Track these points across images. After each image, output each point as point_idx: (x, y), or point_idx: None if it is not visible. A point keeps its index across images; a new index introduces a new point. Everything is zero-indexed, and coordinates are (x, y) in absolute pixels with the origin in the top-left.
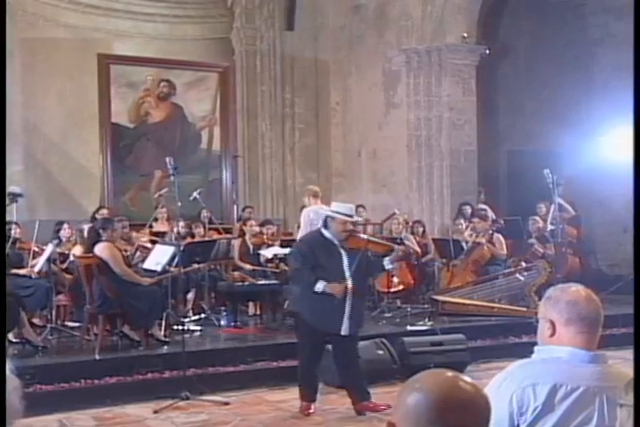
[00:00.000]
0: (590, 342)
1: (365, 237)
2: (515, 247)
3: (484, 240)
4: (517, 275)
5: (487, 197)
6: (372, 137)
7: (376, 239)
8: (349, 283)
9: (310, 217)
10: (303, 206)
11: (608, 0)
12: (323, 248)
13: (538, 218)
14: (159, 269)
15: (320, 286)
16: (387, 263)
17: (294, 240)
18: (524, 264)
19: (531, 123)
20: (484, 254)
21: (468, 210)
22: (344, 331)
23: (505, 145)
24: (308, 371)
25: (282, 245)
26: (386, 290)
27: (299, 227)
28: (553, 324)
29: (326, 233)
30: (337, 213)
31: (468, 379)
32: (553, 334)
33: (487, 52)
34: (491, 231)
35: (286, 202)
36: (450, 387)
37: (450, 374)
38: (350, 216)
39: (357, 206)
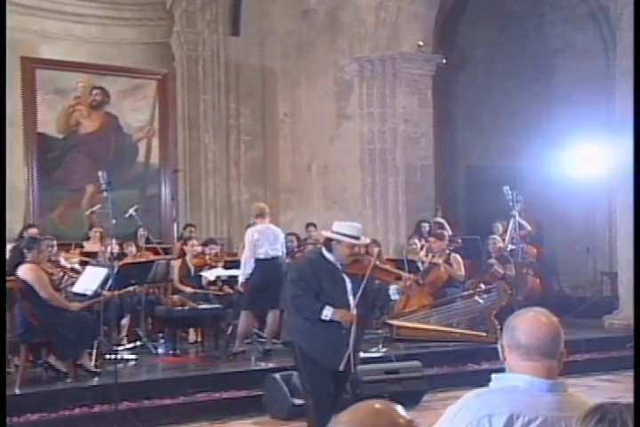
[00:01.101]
0: (544, 369)
1: (373, 260)
2: (473, 268)
3: (440, 260)
4: (476, 297)
5: (445, 215)
6: (323, 150)
7: (384, 265)
8: (355, 312)
9: (254, 237)
10: (249, 224)
11: (567, 10)
12: (326, 273)
13: (498, 237)
14: (90, 292)
15: (328, 313)
16: (393, 293)
17: (238, 261)
18: (483, 286)
19: (489, 136)
20: (440, 276)
21: (427, 228)
22: (343, 367)
23: (463, 159)
24: (322, 406)
25: (225, 267)
26: None
27: (244, 247)
28: (503, 349)
29: (329, 256)
30: (342, 235)
31: (400, 411)
32: (504, 360)
33: (444, 61)
34: (448, 251)
35: (231, 220)
36: (375, 419)
37: (378, 405)
38: (358, 238)
39: (308, 225)
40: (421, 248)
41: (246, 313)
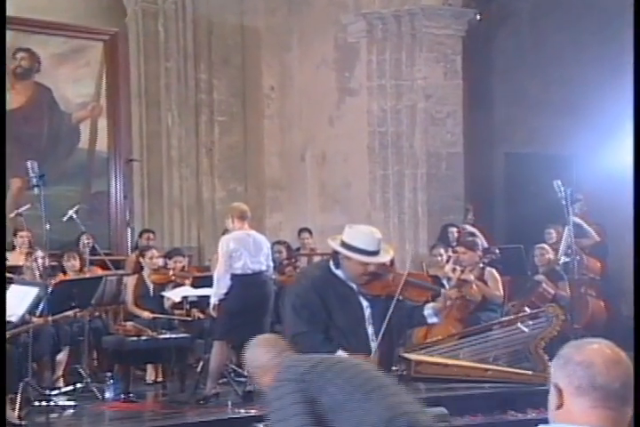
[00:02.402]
0: (612, 420)
1: (404, 275)
2: (515, 287)
3: (471, 277)
4: (519, 325)
5: (477, 218)
6: (321, 135)
7: (415, 280)
8: (374, 351)
9: (230, 247)
10: (225, 231)
11: None
12: (336, 297)
13: (547, 247)
14: (15, 319)
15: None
16: (430, 314)
17: (211, 278)
18: (527, 310)
19: (537, 116)
20: (472, 296)
21: (454, 234)
22: None
23: (502, 146)
24: None
25: (194, 285)
26: None
27: (217, 259)
28: (560, 392)
29: (338, 273)
30: (352, 249)
31: None
32: (560, 406)
33: (478, 17)
34: (481, 265)
35: (202, 224)
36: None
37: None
38: (375, 254)
39: (301, 231)
40: (447, 261)
41: (221, 344)
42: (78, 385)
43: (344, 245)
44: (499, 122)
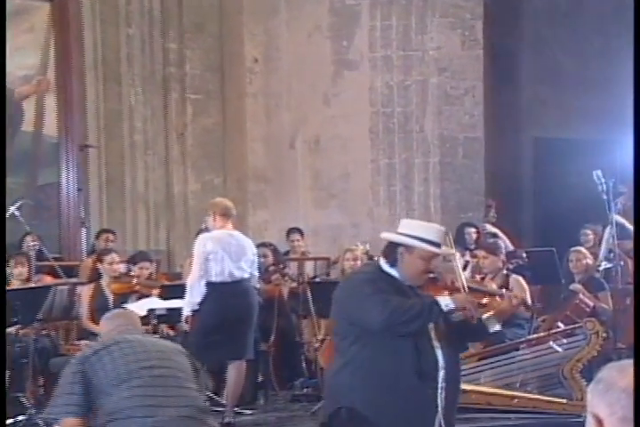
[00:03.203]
0: None
1: (462, 278)
2: (546, 297)
3: (494, 286)
4: (552, 343)
5: (501, 216)
6: (314, 117)
7: (477, 286)
8: (441, 359)
9: (207, 248)
10: (201, 230)
11: None
12: (399, 295)
13: (584, 250)
14: None
15: (448, 301)
16: (492, 324)
17: (183, 287)
18: (561, 326)
19: (573, 95)
20: (495, 309)
21: (473, 235)
22: None
23: (530, 130)
24: None
25: (163, 296)
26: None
27: (190, 264)
28: (601, 423)
29: (393, 272)
30: (416, 238)
31: None
32: None
33: None
34: (505, 271)
35: (172, 223)
36: None
37: None
38: (439, 246)
39: (290, 231)
40: (465, 267)
41: None
42: (20, 418)
43: (407, 236)
44: (527, 101)
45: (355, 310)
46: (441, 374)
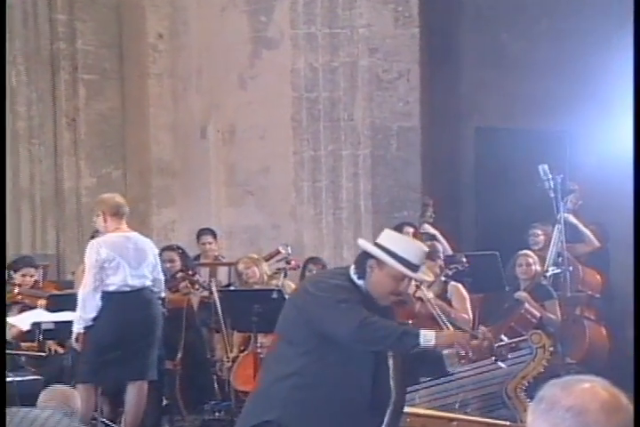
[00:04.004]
0: None
1: (432, 305)
2: (488, 307)
3: (430, 294)
4: (494, 359)
5: (439, 216)
6: (228, 102)
7: (445, 315)
8: (393, 392)
9: (102, 255)
10: (95, 232)
11: None
12: (365, 306)
13: (531, 254)
14: None
15: (431, 336)
16: (449, 363)
17: (74, 298)
18: (505, 339)
19: (518, 80)
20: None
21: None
22: None
23: (472, 119)
24: None
25: (51, 307)
26: (245, 389)
27: (83, 271)
28: None
29: (361, 284)
30: (392, 254)
31: None
32: None
33: None
34: (443, 278)
35: (62, 223)
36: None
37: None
38: (416, 269)
39: (201, 233)
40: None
41: (86, 390)
42: None
43: (382, 249)
44: (468, 86)
45: (321, 317)
46: (390, 408)
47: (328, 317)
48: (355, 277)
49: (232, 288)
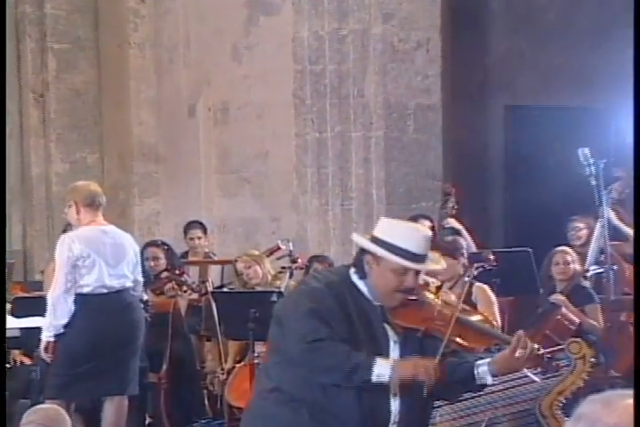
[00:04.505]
0: None
1: (456, 309)
2: (519, 313)
3: (452, 297)
4: (527, 371)
5: (463, 207)
6: (221, 76)
7: (470, 320)
8: (395, 411)
9: (75, 252)
10: (68, 226)
11: None
12: (358, 314)
13: (570, 251)
14: None
15: (385, 369)
16: (483, 373)
17: (42, 300)
18: (539, 349)
19: (555, 51)
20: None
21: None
22: None
23: (501, 95)
24: None
25: (16, 312)
26: (240, 405)
27: (54, 270)
28: None
29: (361, 284)
30: (389, 246)
31: None
32: None
33: None
34: (467, 278)
35: (30, 215)
36: None
37: None
38: (420, 259)
39: (189, 225)
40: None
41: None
42: None
43: (376, 241)
44: (497, 58)
45: (283, 327)
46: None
47: (286, 327)
48: (355, 278)
49: (225, 290)
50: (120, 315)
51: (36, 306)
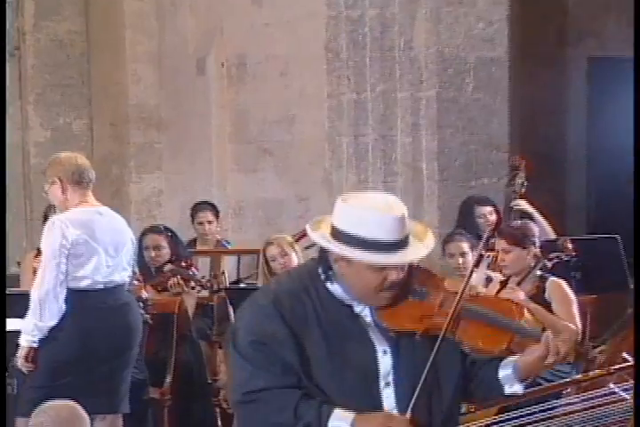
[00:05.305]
0: None
1: (459, 295)
2: (604, 313)
3: (521, 295)
4: (614, 386)
5: (535, 185)
6: (237, 24)
7: (483, 308)
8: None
9: (69, 238)
10: (49, 208)
11: None
12: (323, 330)
13: None
14: None
15: (342, 423)
16: (509, 378)
17: (20, 298)
18: (629, 359)
19: None
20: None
21: (490, 215)
22: None
23: (582, 46)
24: None
25: None
26: None
27: (35, 260)
28: None
29: (333, 288)
30: (352, 242)
31: None
32: None
33: None
34: (540, 272)
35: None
36: None
37: None
38: (398, 246)
39: (197, 207)
40: (476, 265)
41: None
42: None
43: (336, 235)
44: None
45: (229, 351)
46: None
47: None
48: (327, 283)
49: (242, 286)
50: (116, 316)
51: (12, 305)
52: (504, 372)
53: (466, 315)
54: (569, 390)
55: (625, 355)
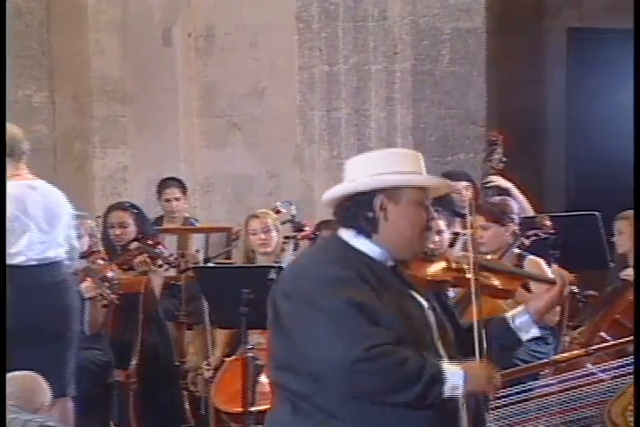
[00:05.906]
0: None
1: (473, 254)
2: (584, 291)
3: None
4: (592, 367)
5: (512, 160)
6: None
7: (490, 261)
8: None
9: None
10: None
11: None
12: (385, 287)
13: None
14: None
15: (458, 378)
16: (526, 323)
17: None
18: (608, 338)
19: None
20: (497, 313)
21: (465, 192)
22: None
23: (561, 17)
24: None
25: None
26: (231, 410)
27: None
28: None
29: (368, 248)
30: (395, 173)
31: None
32: None
33: None
34: (518, 250)
35: None
36: None
37: None
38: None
39: (164, 183)
40: (451, 244)
41: None
42: None
43: (374, 176)
44: None
45: (306, 331)
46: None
47: (316, 335)
48: (356, 241)
49: (210, 265)
50: (52, 294)
51: None
52: (520, 319)
53: (481, 267)
54: (546, 371)
55: (603, 334)
